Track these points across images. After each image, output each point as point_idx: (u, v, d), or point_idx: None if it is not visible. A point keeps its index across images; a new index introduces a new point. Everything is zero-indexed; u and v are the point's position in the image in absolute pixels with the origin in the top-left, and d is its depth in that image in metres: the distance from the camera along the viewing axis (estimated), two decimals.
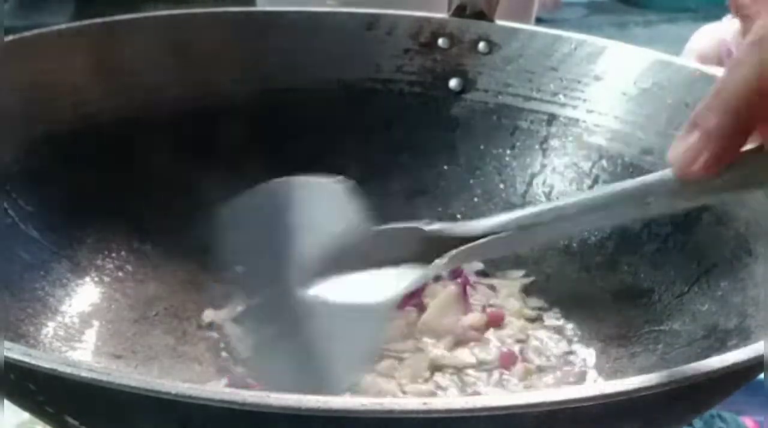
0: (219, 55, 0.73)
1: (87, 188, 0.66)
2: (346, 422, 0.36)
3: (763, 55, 0.39)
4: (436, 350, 0.61)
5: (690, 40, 1.82)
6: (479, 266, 0.69)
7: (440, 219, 0.71)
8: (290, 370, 0.46)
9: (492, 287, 0.67)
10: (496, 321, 0.64)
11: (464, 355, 0.61)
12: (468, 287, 0.65)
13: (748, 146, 0.41)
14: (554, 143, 0.71)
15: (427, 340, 0.62)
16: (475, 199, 0.72)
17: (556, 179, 0.71)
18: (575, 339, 0.63)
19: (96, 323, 0.62)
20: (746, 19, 0.42)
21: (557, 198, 0.70)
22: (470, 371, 0.60)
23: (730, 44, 1.73)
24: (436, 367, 0.60)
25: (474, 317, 0.64)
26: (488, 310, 0.65)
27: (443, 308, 0.63)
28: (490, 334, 0.63)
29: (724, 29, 1.77)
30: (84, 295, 0.63)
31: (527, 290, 0.68)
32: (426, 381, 0.59)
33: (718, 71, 0.66)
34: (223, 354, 0.61)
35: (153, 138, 0.69)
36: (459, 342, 0.62)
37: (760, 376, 0.44)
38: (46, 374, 0.37)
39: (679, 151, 0.41)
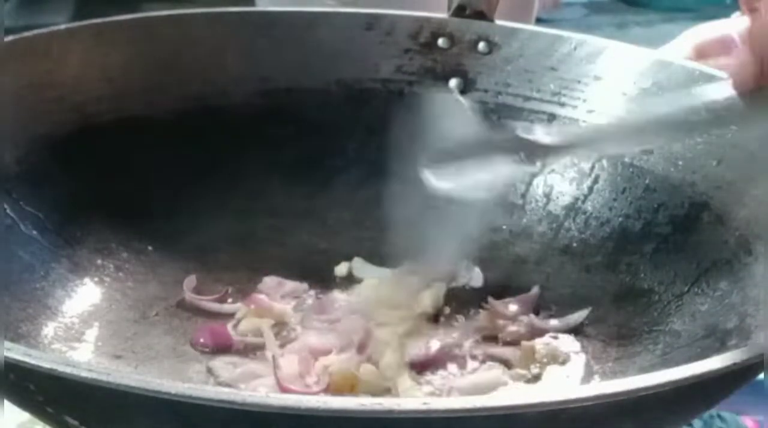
0: (218, 55, 0.72)
1: (87, 189, 0.66)
2: (346, 422, 0.36)
3: None
4: None
5: (686, 34, 1.80)
6: None
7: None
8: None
9: None
10: None
11: None
12: None
13: None
14: None
15: None
16: None
17: (556, 179, 0.71)
18: (575, 338, 0.63)
19: (96, 323, 0.62)
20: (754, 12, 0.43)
21: (557, 197, 0.70)
22: None
23: (736, 40, 1.72)
24: None
25: None
26: None
27: None
28: None
29: (730, 26, 1.75)
30: (84, 295, 0.63)
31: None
32: None
33: (717, 71, 0.67)
34: None
35: (153, 138, 0.69)
36: None
37: (760, 376, 0.44)
38: (46, 374, 0.37)
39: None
